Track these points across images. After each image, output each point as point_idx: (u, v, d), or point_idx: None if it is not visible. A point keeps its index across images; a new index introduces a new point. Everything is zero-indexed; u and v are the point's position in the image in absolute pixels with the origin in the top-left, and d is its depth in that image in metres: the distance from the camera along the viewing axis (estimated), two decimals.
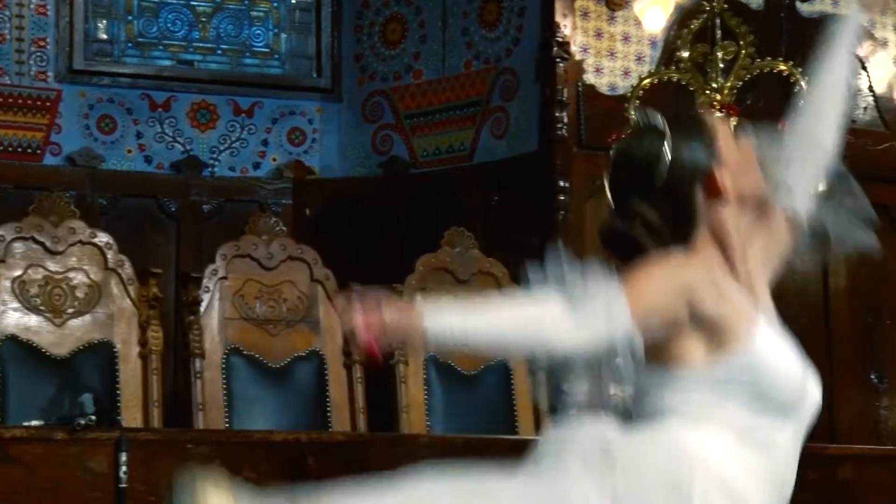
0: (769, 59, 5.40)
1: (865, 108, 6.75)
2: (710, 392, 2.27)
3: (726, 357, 2.27)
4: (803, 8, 6.65)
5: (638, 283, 2.21)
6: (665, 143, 2.33)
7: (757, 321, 2.31)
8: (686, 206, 2.34)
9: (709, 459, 2.23)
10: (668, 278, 2.26)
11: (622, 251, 2.37)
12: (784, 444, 2.31)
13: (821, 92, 2.72)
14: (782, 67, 5.34)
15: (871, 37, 6.78)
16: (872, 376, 6.41)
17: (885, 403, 6.42)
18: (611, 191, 2.42)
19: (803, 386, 2.33)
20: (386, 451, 3.15)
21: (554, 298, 2.17)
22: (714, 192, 2.33)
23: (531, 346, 2.27)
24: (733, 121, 5.19)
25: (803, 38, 6.52)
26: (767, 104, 5.89)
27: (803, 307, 6.28)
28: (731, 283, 2.32)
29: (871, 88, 6.75)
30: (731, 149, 2.40)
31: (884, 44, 6.81)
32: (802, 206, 2.52)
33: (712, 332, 2.27)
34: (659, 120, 2.38)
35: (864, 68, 6.74)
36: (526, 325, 2.18)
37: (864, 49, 6.75)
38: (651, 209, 2.33)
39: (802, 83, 5.18)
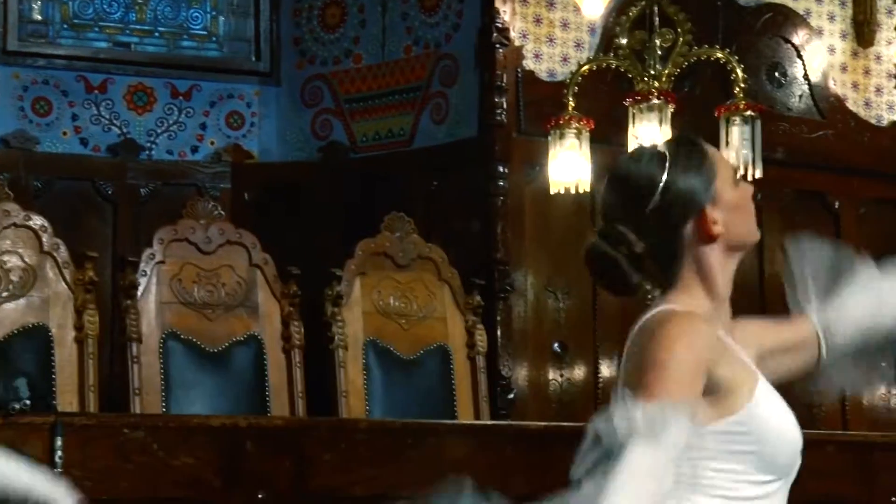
0: (706, 46, 5.44)
1: (801, 97, 6.81)
2: (718, 460, 2.18)
3: (734, 420, 2.18)
4: None
5: (667, 372, 2.10)
6: (665, 169, 2.24)
7: (759, 381, 2.23)
8: (673, 240, 2.24)
9: None
10: (691, 356, 2.14)
11: (604, 278, 2.27)
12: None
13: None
14: (719, 55, 5.37)
15: (806, 25, 6.83)
16: (883, 363, 6.48)
17: (819, 389, 6.49)
18: (601, 212, 2.32)
19: (799, 445, 2.26)
20: (325, 436, 3.14)
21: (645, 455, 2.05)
22: (706, 230, 2.24)
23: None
24: (671, 108, 5.22)
25: (740, 27, 6.58)
26: (704, 92, 5.94)
27: (740, 291, 6.33)
28: (730, 342, 2.24)
29: (806, 77, 6.81)
30: (730, 188, 2.30)
31: (819, 32, 6.86)
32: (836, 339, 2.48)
33: (717, 395, 2.17)
34: (662, 146, 2.30)
35: (800, 57, 6.80)
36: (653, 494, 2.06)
37: (799, 38, 6.81)
38: (638, 238, 2.23)
39: (739, 70, 5.22)
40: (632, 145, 5.19)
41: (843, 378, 2.38)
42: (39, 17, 6.87)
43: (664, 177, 2.23)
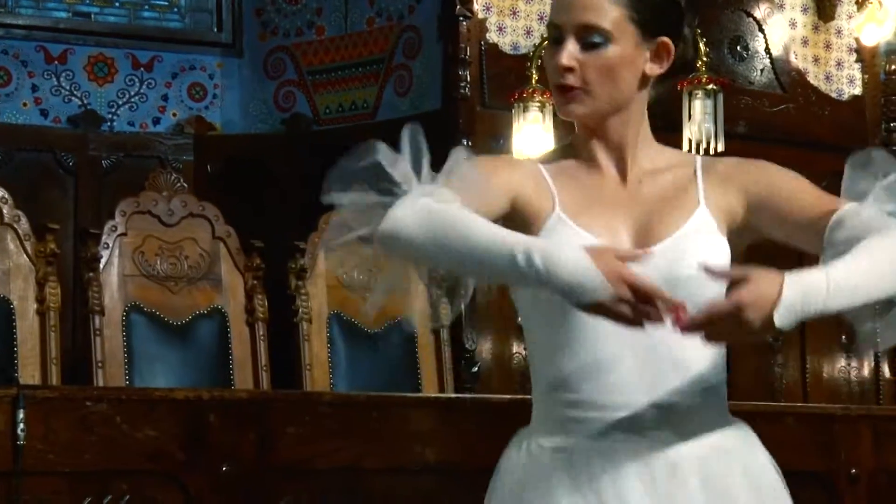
0: None
1: (762, 70, 6.83)
2: None
3: None
4: None
5: None
6: None
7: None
8: None
9: None
10: None
11: None
12: None
13: None
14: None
15: None
16: (843, 337, 6.53)
17: (780, 361, 6.55)
18: None
19: None
20: (289, 409, 3.15)
21: None
22: None
23: None
24: None
25: (705, 2, 6.58)
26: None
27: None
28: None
29: (767, 50, 6.83)
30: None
31: (780, 6, 6.88)
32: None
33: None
34: None
35: (762, 31, 6.82)
36: None
37: (761, 12, 6.83)
38: None
39: (701, 44, 5.22)
40: None
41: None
42: None
43: None
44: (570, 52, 2.15)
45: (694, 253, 2.07)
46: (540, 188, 2.17)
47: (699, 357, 2.12)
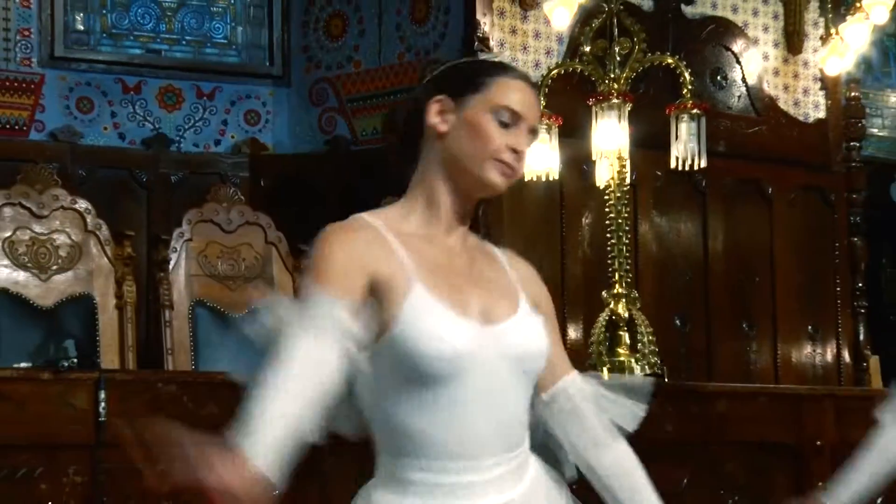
0: (658, 53, 5.43)
1: (739, 97, 6.82)
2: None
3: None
4: (687, 10, 6.69)
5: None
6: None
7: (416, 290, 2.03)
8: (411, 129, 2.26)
9: None
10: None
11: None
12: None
13: None
14: (669, 61, 5.37)
15: (744, 35, 6.83)
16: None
17: (755, 348, 6.53)
18: None
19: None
20: None
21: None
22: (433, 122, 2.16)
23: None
24: (628, 106, 5.23)
25: (687, 37, 6.58)
26: (656, 92, 5.93)
27: (687, 265, 6.36)
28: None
29: (743, 80, 6.82)
30: (498, 99, 2.10)
31: (755, 42, 6.87)
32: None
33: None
34: None
35: (738, 63, 6.80)
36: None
37: (738, 46, 6.80)
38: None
39: (686, 74, 5.22)
40: (595, 139, 5.19)
41: None
42: (82, 28, 6.85)
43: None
44: (524, 139, 2.08)
45: (536, 332, 2.04)
46: (391, 259, 2.00)
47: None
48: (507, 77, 2.08)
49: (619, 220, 5.15)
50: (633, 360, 4.91)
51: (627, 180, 5.24)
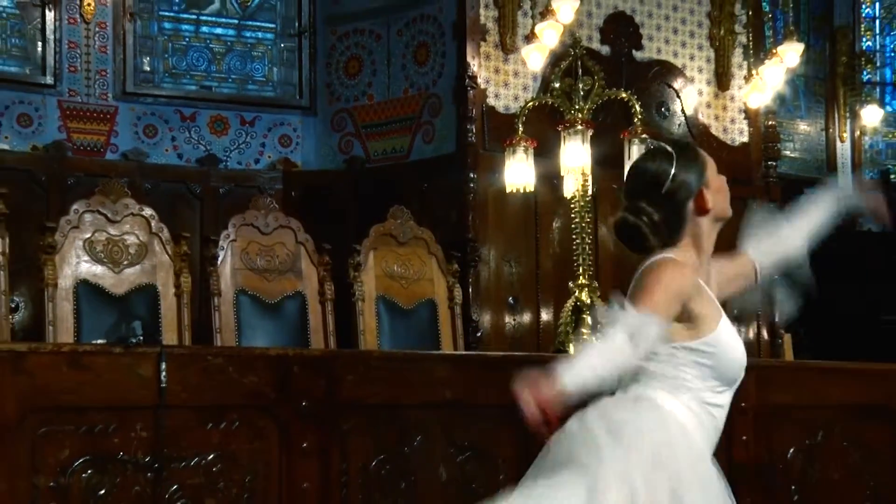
0: (614, 89, 5.42)
1: (679, 125, 6.82)
2: (685, 366, 2.20)
3: (701, 342, 2.21)
4: (637, 55, 6.69)
5: (653, 295, 2.14)
6: (673, 163, 2.25)
7: (722, 317, 2.25)
8: (680, 212, 2.25)
9: (684, 423, 2.20)
10: (673, 287, 2.17)
11: (629, 240, 2.29)
12: (725, 404, 2.27)
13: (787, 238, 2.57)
14: (623, 95, 5.36)
15: (683, 75, 6.83)
16: (735, 310, 6.51)
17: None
18: (626, 194, 2.31)
19: (744, 364, 2.29)
20: (348, 362, 3.14)
21: (617, 335, 2.09)
22: (701, 206, 2.26)
23: (617, 372, 2.16)
24: (590, 132, 5.21)
25: (637, 76, 6.58)
26: (613, 121, 5.92)
27: (638, 261, 6.35)
28: (705, 287, 2.25)
29: (682, 111, 6.82)
30: (715, 178, 2.31)
31: (692, 80, 6.87)
32: (764, 267, 2.49)
33: (693, 323, 2.20)
34: (668, 146, 2.30)
35: (678, 97, 6.80)
36: (612, 361, 2.09)
37: (678, 84, 6.80)
38: (654, 211, 2.24)
39: (637, 106, 5.20)
40: (563, 158, 5.18)
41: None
42: (148, 69, 6.85)
43: (673, 169, 2.24)
44: None
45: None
46: (700, 290, 2.26)
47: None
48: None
49: (583, 225, 5.16)
50: (594, 338, 4.90)
51: (590, 192, 5.24)
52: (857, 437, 3.70)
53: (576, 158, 5.14)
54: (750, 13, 7.02)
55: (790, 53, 6.59)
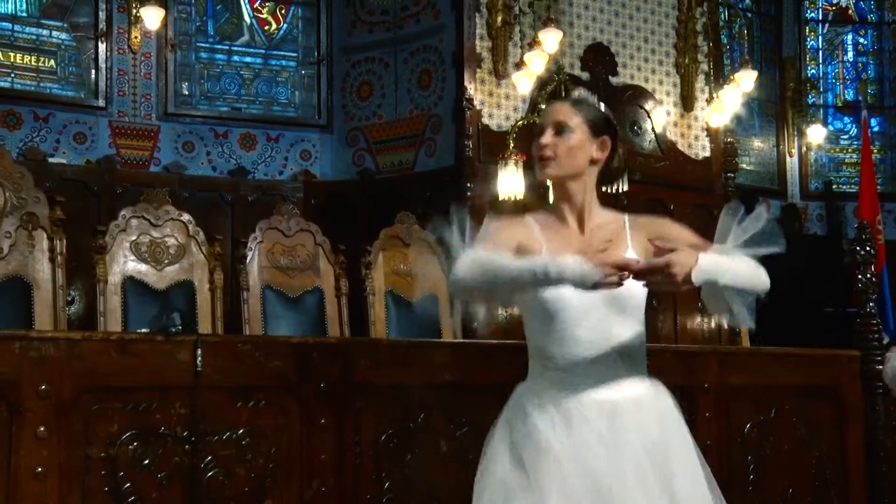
0: None
1: (650, 141, 6.82)
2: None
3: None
4: (613, 80, 6.69)
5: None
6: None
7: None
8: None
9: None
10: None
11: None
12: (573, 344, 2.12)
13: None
14: None
15: (653, 98, 6.83)
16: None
17: (662, 318, 6.53)
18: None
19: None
20: (361, 349, 3.13)
21: None
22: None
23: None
24: None
25: (613, 98, 6.58)
26: None
27: None
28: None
29: (652, 129, 6.82)
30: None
31: (660, 102, 6.87)
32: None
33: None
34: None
35: (649, 117, 6.80)
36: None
37: (649, 105, 6.80)
38: None
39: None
40: None
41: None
42: (186, 93, 6.85)
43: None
44: (547, 136, 2.15)
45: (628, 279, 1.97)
46: (532, 237, 2.13)
47: (632, 344, 2.08)
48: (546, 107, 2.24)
49: None
50: None
51: None
52: (805, 413, 3.70)
53: None
54: (710, 45, 7.03)
55: (746, 79, 6.60)
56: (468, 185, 6.02)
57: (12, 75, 6.41)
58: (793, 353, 3.86)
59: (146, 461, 2.66)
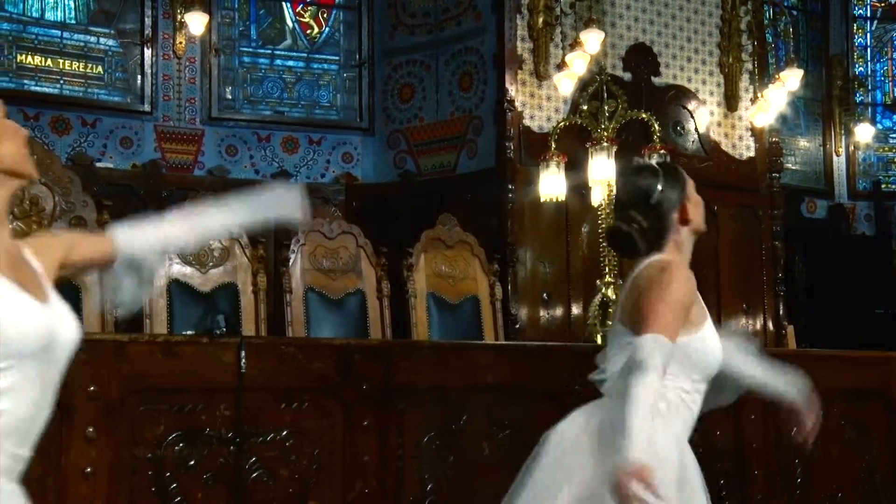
0: (636, 110, 5.37)
1: (693, 142, 6.74)
2: (679, 378, 2.11)
3: (688, 338, 2.10)
4: (655, 80, 6.63)
5: (663, 317, 2.01)
6: (659, 178, 2.24)
7: (707, 316, 2.18)
8: (665, 221, 2.22)
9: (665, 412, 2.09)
10: (678, 304, 2.06)
11: (621, 246, 2.26)
12: (701, 395, 2.17)
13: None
14: (643, 116, 5.29)
15: (696, 98, 6.75)
16: (744, 305, 6.45)
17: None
18: (618, 205, 2.29)
19: (721, 361, 2.19)
20: (403, 351, 3.13)
21: (648, 380, 1.93)
22: (683, 217, 2.24)
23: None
24: (614, 148, 5.16)
25: (656, 98, 6.51)
26: (635, 139, 5.87)
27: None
28: (696, 291, 2.18)
29: (696, 130, 6.74)
30: (694, 194, 2.29)
31: (704, 102, 6.79)
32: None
33: (685, 323, 2.10)
34: (654, 164, 2.31)
35: (692, 117, 6.72)
36: (651, 405, 1.95)
37: (692, 105, 6.72)
38: (643, 219, 2.21)
39: (655, 125, 5.14)
40: (591, 172, 5.14)
41: None
42: (230, 97, 6.91)
43: (659, 184, 2.24)
44: None
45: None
46: (697, 301, 2.16)
47: None
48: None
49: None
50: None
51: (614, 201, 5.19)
52: (853, 416, 3.63)
53: (602, 171, 5.09)
54: (755, 43, 6.93)
55: (791, 78, 6.50)
56: (509, 186, 6.00)
57: (61, 82, 6.52)
58: (841, 356, 3.79)
59: (192, 462, 2.67)
